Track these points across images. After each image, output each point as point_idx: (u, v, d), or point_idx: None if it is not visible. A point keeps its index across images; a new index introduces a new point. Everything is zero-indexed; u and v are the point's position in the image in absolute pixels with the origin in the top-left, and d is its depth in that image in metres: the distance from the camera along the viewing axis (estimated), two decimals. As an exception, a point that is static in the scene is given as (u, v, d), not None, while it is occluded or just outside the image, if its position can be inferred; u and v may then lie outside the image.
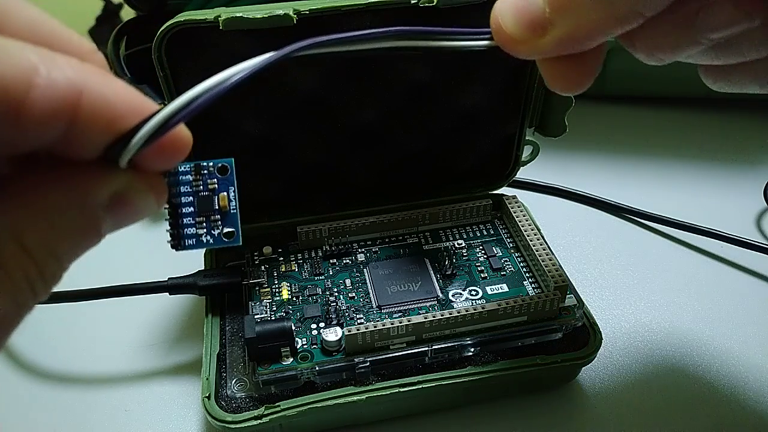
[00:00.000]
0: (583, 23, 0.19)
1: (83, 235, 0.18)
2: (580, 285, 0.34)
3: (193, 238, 0.22)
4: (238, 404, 0.29)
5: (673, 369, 0.35)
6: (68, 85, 0.15)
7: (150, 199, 0.19)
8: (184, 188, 0.22)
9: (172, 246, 0.22)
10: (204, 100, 0.18)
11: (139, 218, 0.19)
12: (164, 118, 0.17)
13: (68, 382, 0.35)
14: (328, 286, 0.34)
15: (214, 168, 0.22)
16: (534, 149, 0.39)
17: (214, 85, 0.18)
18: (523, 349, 0.31)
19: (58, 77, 0.15)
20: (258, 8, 0.28)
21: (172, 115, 0.17)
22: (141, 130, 0.17)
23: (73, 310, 0.37)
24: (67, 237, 0.17)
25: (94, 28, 0.59)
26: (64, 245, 0.17)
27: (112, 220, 0.18)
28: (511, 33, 0.21)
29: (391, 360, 0.30)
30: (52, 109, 0.15)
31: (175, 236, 0.22)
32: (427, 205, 0.38)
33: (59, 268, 0.17)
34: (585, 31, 0.20)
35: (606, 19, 0.19)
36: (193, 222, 0.22)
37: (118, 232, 0.19)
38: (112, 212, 0.18)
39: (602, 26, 0.19)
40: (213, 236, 0.22)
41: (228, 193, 0.22)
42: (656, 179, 0.48)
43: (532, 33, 0.20)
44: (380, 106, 0.35)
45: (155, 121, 0.17)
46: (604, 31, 0.20)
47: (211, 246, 0.22)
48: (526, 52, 0.21)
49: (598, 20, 0.19)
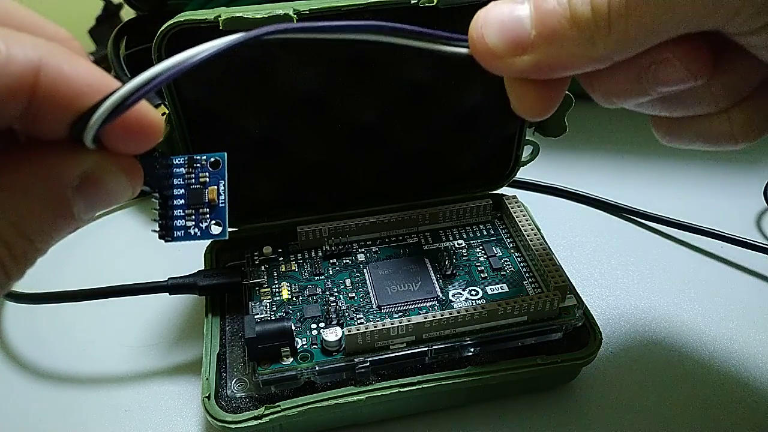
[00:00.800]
0: (562, 54, 0.21)
1: (53, 216, 0.18)
2: (580, 285, 0.34)
3: (181, 230, 0.22)
4: (238, 404, 0.29)
5: (673, 369, 0.35)
6: (26, 62, 0.15)
7: (122, 180, 0.19)
8: (177, 180, 0.22)
9: (160, 236, 0.22)
10: (165, 78, 0.17)
11: (114, 201, 0.19)
12: (124, 94, 0.17)
13: (68, 382, 0.35)
14: (328, 286, 0.34)
15: (207, 162, 0.22)
16: (534, 149, 0.39)
17: (176, 64, 0.18)
18: (523, 349, 0.31)
19: (18, 54, 0.15)
20: (258, 8, 0.28)
21: (133, 92, 0.17)
22: (101, 107, 0.17)
23: (73, 310, 0.37)
24: (37, 218, 0.17)
25: (94, 28, 0.59)
26: (34, 225, 0.17)
27: (84, 201, 0.18)
28: (492, 46, 0.21)
29: (391, 360, 0.30)
30: (10, 86, 0.15)
31: (164, 227, 0.22)
32: (427, 205, 0.38)
33: (32, 248, 0.18)
34: (562, 61, 0.21)
35: (582, 56, 0.21)
36: (182, 214, 0.22)
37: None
38: (83, 193, 0.18)
39: (577, 61, 0.21)
40: (200, 229, 0.22)
41: (218, 186, 0.22)
42: (656, 179, 0.48)
43: (512, 51, 0.21)
44: (380, 106, 0.35)
45: (115, 97, 0.17)
46: (577, 65, 0.21)
47: (198, 239, 0.22)
48: (499, 67, 0.22)
49: (575, 55, 0.21)
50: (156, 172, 0.22)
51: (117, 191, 0.19)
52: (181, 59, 0.18)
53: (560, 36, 0.20)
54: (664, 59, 0.21)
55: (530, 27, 0.21)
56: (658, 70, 0.21)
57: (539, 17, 0.20)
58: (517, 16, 0.21)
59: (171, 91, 0.31)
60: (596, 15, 0.20)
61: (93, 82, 0.17)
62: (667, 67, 0.21)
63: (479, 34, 0.21)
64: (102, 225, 0.44)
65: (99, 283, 0.35)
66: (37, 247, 0.18)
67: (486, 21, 0.21)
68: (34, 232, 0.17)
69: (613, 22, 0.19)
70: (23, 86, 0.16)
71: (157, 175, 0.22)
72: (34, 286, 0.36)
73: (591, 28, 0.20)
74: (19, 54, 0.15)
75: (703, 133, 0.24)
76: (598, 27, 0.20)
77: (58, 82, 0.16)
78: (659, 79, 0.21)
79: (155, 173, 0.22)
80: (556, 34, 0.20)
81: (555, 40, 0.20)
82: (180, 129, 0.33)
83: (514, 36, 0.21)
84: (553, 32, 0.20)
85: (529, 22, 0.21)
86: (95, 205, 0.19)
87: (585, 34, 0.20)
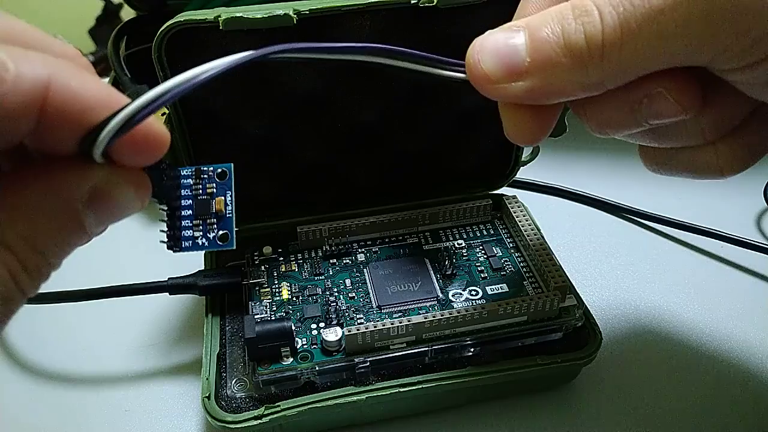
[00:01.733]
0: (555, 82, 0.21)
1: (65, 230, 0.18)
2: (580, 285, 0.34)
3: (189, 240, 0.22)
4: (238, 404, 0.29)
5: (673, 369, 0.35)
6: (36, 79, 0.16)
7: (130, 194, 0.19)
8: (185, 191, 0.22)
9: (169, 247, 0.22)
10: (173, 95, 0.18)
11: (123, 214, 0.19)
12: (133, 110, 0.17)
13: (68, 382, 0.35)
14: (328, 286, 0.34)
15: (214, 173, 0.23)
16: (534, 149, 0.39)
17: (184, 81, 0.18)
18: (523, 349, 0.31)
19: (27, 72, 0.16)
20: (258, 8, 0.28)
21: (141, 108, 0.17)
22: (110, 123, 0.17)
23: (73, 310, 0.37)
24: (48, 232, 0.18)
25: (94, 28, 0.59)
26: (46, 240, 0.18)
27: (94, 215, 0.18)
28: (487, 71, 0.22)
29: (391, 360, 0.30)
30: (21, 103, 0.15)
31: (173, 238, 0.22)
32: (427, 205, 0.38)
33: (45, 263, 0.18)
34: (555, 88, 0.22)
35: (575, 82, 0.21)
36: (190, 224, 0.22)
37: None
38: (93, 207, 0.18)
39: (570, 88, 0.21)
40: (208, 239, 0.22)
41: (225, 197, 0.22)
42: (656, 179, 0.48)
43: (507, 77, 0.22)
44: (380, 106, 0.35)
45: (124, 113, 0.17)
46: (570, 92, 0.22)
47: (206, 248, 0.22)
48: (494, 92, 0.23)
49: (568, 82, 0.21)
50: (164, 183, 0.22)
51: (126, 204, 0.19)
52: (189, 76, 0.18)
53: (554, 63, 0.21)
54: (657, 93, 0.21)
55: (525, 54, 0.21)
56: (651, 104, 0.22)
57: (534, 45, 0.21)
58: (513, 43, 0.22)
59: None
60: (590, 44, 0.20)
61: (102, 97, 0.17)
62: (659, 100, 0.22)
63: (476, 60, 0.22)
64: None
65: (99, 283, 0.35)
66: (49, 262, 0.18)
67: (482, 48, 0.22)
68: (46, 246, 0.18)
69: (606, 52, 0.20)
70: (33, 103, 0.16)
71: (165, 187, 0.22)
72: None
73: (584, 56, 0.20)
74: (29, 72, 0.16)
75: (689, 164, 0.25)
76: (592, 56, 0.20)
77: (67, 99, 0.16)
78: (651, 112, 0.22)
79: (163, 185, 0.22)
80: (550, 62, 0.21)
81: (549, 67, 0.21)
82: (180, 129, 0.33)
83: (509, 62, 0.22)
84: (547, 59, 0.21)
85: (524, 49, 0.21)
86: (105, 218, 0.19)
87: (578, 61, 0.21)
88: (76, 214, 0.18)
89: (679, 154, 0.25)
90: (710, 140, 0.24)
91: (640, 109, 0.22)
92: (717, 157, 0.24)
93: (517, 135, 0.24)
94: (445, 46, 0.24)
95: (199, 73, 0.18)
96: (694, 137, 0.24)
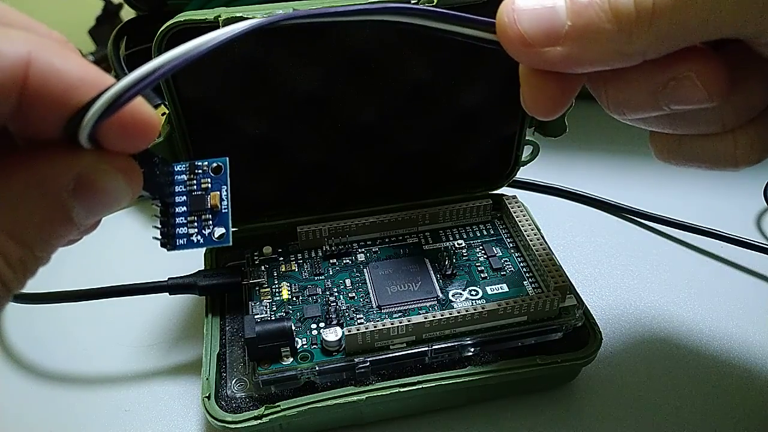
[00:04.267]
0: (594, 48, 0.20)
1: (51, 222, 0.17)
2: (580, 285, 0.34)
3: (184, 237, 0.21)
4: (238, 404, 0.29)
5: (673, 369, 0.35)
6: (15, 56, 0.15)
7: (119, 181, 0.18)
8: (179, 188, 0.21)
9: (162, 245, 0.21)
10: (162, 73, 0.17)
11: (114, 204, 0.18)
12: (121, 89, 0.16)
13: (68, 382, 0.35)
14: (328, 286, 0.34)
15: (209, 167, 0.22)
16: (534, 149, 0.39)
17: (173, 58, 0.17)
18: (523, 349, 0.31)
19: (6, 48, 0.15)
20: (258, 8, 0.28)
21: (130, 87, 0.16)
22: (97, 102, 0.16)
23: (73, 310, 0.37)
24: (32, 224, 0.17)
25: (94, 28, 0.59)
26: (30, 233, 0.17)
27: (81, 204, 0.17)
28: (524, 32, 0.20)
29: (391, 360, 0.30)
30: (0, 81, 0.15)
31: (166, 235, 0.21)
32: (427, 205, 0.38)
33: (30, 257, 0.17)
34: (593, 56, 0.20)
35: (615, 51, 0.20)
36: (185, 221, 0.21)
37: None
38: (80, 196, 0.17)
39: (608, 57, 0.20)
40: (203, 236, 0.21)
41: (220, 192, 0.22)
42: (656, 179, 0.48)
43: (544, 41, 0.20)
44: (380, 106, 0.35)
45: (111, 92, 0.16)
46: (608, 62, 0.20)
47: (201, 246, 0.21)
48: (527, 56, 0.21)
49: (608, 51, 0.20)
50: (157, 178, 0.21)
51: (115, 193, 0.18)
52: (178, 53, 0.17)
53: (596, 29, 0.20)
54: (685, 77, 0.20)
55: (565, 18, 0.20)
56: (677, 87, 0.21)
57: (575, 8, 0.20)
58: (552, 5, 0.20)
59: (171, 91, 0.31)
60: (639, 8, 0.19)
61: (86, 76, 0.16)
62: (687, 84, 0.21)
63: (511, 19, 0.21)
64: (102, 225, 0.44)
65: (99, 283, 0.35)
66: (36, 255, 0.17)
67: (520, 7, 0.21)
68: (31, 239, 0.17)
69: (655, 18, 0.19)
70: (13, 81, 0.15)
71: (158, 182, 0.21)
72: (34, 286, 0.36)
73: (631, 22, 0.19)
74: (8, 48, 0.15)
75: (703, 153, 0.24)
76: (640, 21, 0.19)
77: (49, 77, 0.16)
78: (675, 96, 0.21)
79: (156, 180, 0.21)
80: (593, 27, 0.20)
81: (590, 33, 0.20)
82: (180, 129, 0.33)
83: (549, 24, 0.20)
84: (590, 24, 0.20)
85: (564, 12, 0.20)
86: (94, 208, 0.18)
87: (624, 28, 0.19)
88: (62, 204, 0.17)
89: (693, 141, 0.24)
90: (729, 128, 0.23)
91: (664, 93, 0.21)
92: (735, 145, 0.23)
93: (535, 105, 0.23)
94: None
95: (189, 49, 0.17)
96: (713, 124, 0.23)
